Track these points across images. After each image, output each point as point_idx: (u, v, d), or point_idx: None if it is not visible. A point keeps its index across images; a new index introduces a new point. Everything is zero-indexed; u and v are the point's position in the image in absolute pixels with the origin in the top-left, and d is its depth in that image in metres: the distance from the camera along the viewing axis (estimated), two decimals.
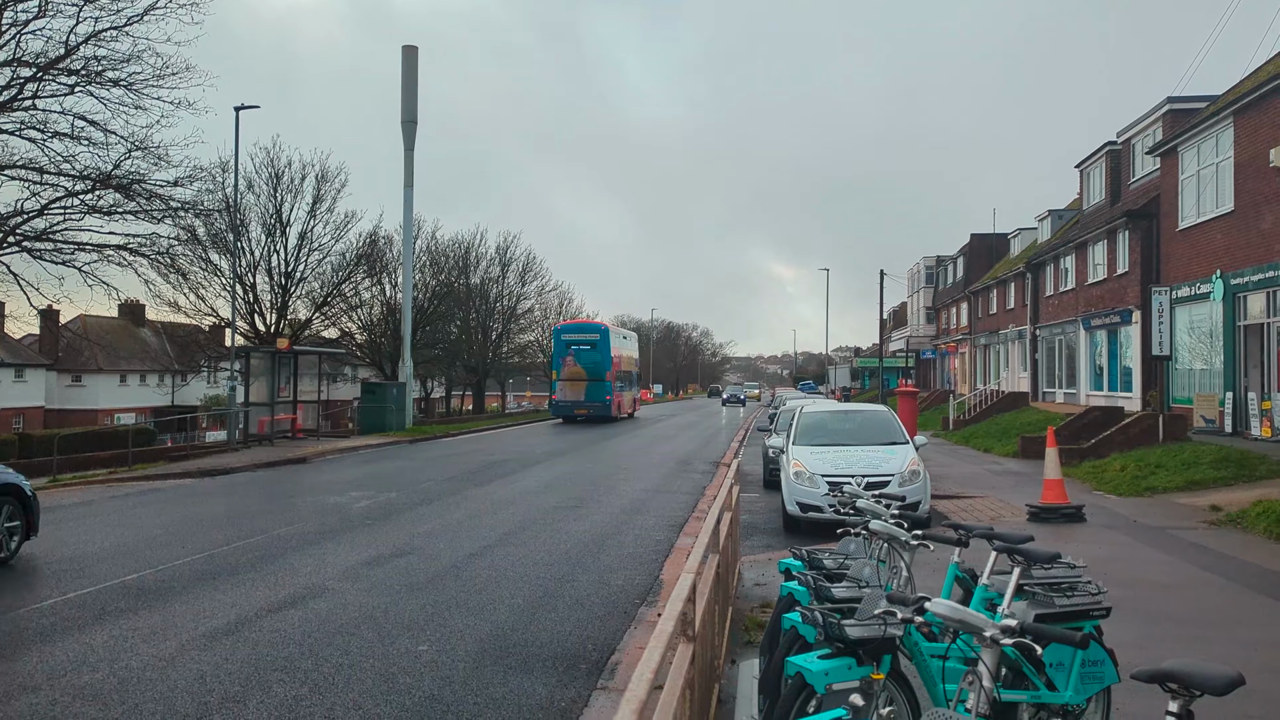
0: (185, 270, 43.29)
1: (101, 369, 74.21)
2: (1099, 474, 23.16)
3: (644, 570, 13.18)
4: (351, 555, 13.78)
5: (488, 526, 16.49)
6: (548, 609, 10.72)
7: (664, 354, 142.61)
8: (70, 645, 9.16)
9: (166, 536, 15.52)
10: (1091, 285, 39.70)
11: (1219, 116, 27.47)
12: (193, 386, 79.15)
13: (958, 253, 73.64)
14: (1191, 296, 29.27)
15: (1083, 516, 17.12)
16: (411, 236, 48.88)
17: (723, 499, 9.35)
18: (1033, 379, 48.52)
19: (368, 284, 58.64)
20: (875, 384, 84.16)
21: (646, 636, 9.61)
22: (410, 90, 45.14)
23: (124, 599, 11.00)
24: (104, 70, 31.44)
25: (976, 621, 4.16)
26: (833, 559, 7.15)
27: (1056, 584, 6.02)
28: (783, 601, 7.10)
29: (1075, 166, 45.76)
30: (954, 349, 71.16)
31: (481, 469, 26.59)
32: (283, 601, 10.85)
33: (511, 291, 79.52)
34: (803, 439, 17.99)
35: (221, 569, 12.75)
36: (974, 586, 6.91)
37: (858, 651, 5.00)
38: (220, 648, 9.05)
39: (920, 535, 7.06)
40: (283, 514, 17.89)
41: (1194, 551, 14.15)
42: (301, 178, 50.66)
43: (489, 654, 8.97)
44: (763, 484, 23.48)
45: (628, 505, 19.81)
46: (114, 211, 33.46)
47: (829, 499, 15.52)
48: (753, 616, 10.21)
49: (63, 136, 31.69)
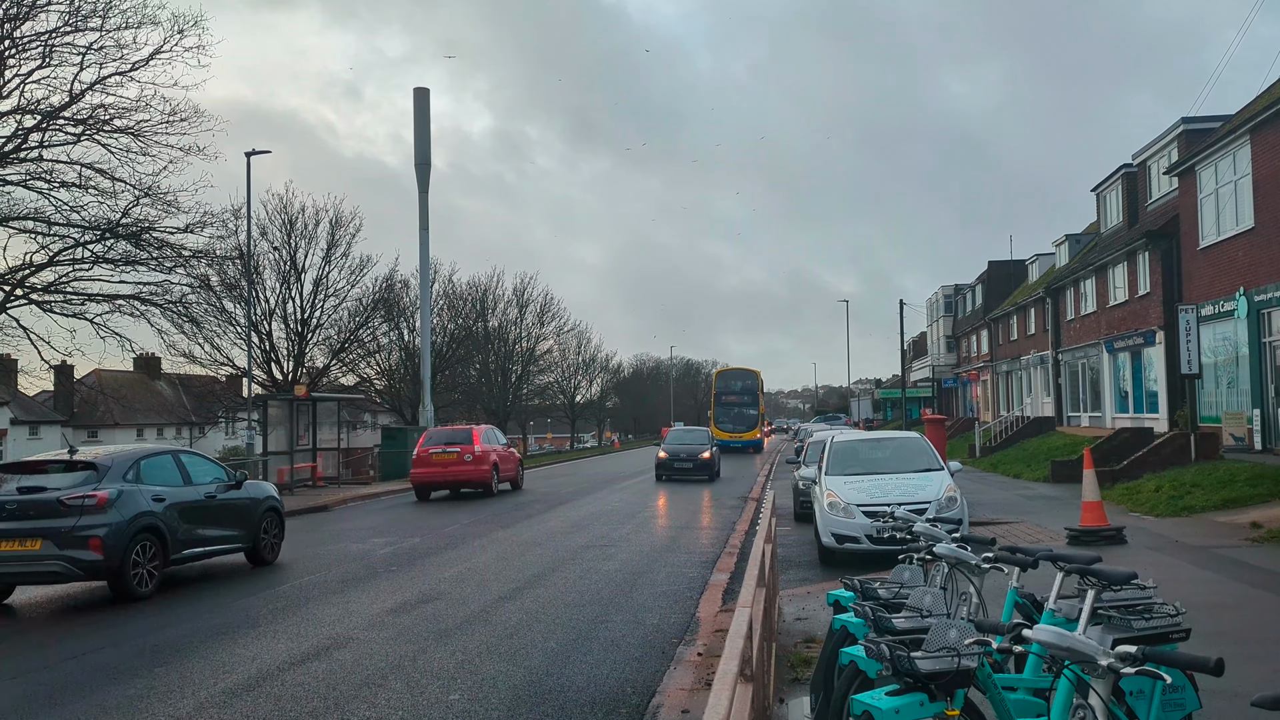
0: (199, 319, 43.05)
1: (118, 423, 73.92)
2: (1133, 495, 22.82)
3: (679, 608, 12.80)
4: (376, 603, 13.42)
5: (516, 569, 16.13)
6: (582, 652, 10.35)
7: (684, 392, 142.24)
8: (82, 707, 8.79)
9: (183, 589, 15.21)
10: (1113, 308, 39.40)
11: (1235, 135, 27.24)
12: (211, 439, 78.87)
13: (976, 280, 73.43)
14: (1215, 315, 28.91)
15: (1124, 538, 16.77)
16: (429, 280, 48.73)
17: (763, 532, 9.01)
18: (1057, 403, 48.13)
19: (385, 329, 58.45)
20: (898, 415, 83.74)
21: (687, 677, 9.26)
22: (423, 132, 45.06)
23: (139, 656, 10.64)
24: (111, 118, 31.46)
25: (1088, 649, 3.79)
26: (887, 589, 6.75)
27: (1131, 606, 5.67)
28: (835, 635, 6.74)
29: (1091, 190, 45.61)
30: (975, 377, 70.80)
31: (507, 510, 26.25)
32: (306, 653, 10.49)
33: (530, 332, 79.42)
34: (835, 469, 17.62)
35: (241, 621, 12.40)
36: (1034, 612, 6.58)
37: (929, 686, 4.62)
38: (240, 704, 8.68)
39: (991, 558, 6.66)
40: (304, 563, 17.56)
41: (1241, 569, 13.86)
42: (315, 223, 50.63)
43: (523, 701, 8.61)
44: (794, 517, 23.09)
45: (657, 543, 19.47)
46: (124, 261, 33.37)
47: (866, 529, 15.24)
48: (797, 652, 9.83)
49: (70, 186, 31.67)
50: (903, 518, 8.57)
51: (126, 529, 14.17)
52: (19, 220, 31.71)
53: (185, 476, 16.19)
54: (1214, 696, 6.67)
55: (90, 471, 14.56)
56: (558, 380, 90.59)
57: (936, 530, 7.70)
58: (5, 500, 14.03)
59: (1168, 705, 5.36)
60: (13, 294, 31.55)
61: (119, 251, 33.32)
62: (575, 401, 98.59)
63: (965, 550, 6.85)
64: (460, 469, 31.01)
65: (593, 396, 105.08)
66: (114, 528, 14.01)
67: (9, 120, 30.73)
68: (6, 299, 31.40)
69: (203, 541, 16.02)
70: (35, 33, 30.18)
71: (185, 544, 15.53)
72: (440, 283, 65.56)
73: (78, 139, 31.60)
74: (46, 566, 13.71)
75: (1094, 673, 3.87)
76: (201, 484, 16.41)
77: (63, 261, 32.77)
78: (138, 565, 14.32)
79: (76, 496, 14.01)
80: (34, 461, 15.43)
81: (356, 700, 8.65)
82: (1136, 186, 39.57)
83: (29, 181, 31.27)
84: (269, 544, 17.64)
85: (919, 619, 5.75)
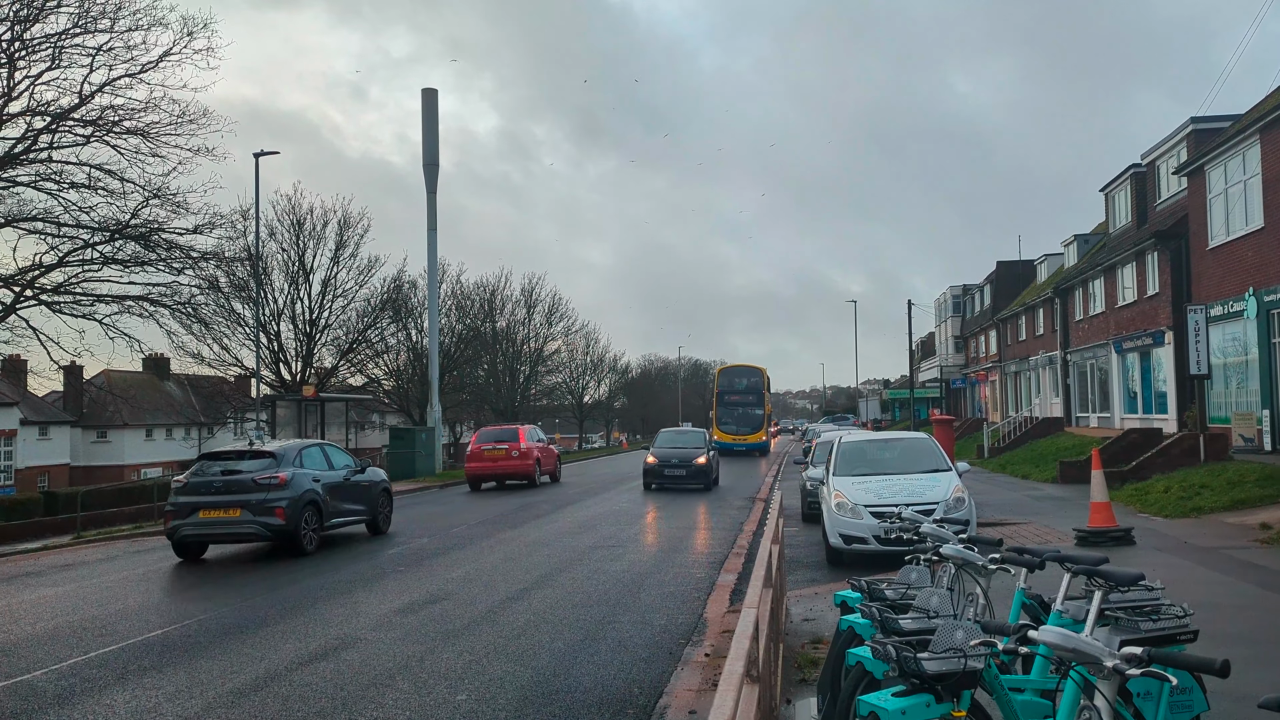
0: (208, 320, 43.09)
1: (127, 424, 73.97)
2: (1142, 496, 22.77)
3: (686, 609, 12.78)
4: (384, 603, 13.42)
5: (523, 569, 16.11)
6: (590, 653, 10.34)
7: (692, 392, 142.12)
8: (90, 707, 8.79)
9: (192, 590, 15.22)
10: (1122, 308, 39.34)
11: (1245, 134, 27.19)
12: (219, 439, 78.78)
13: (984, 280, 73.32)
14: (1224, 315, 28.85)
15: (1132, 539, 16.73)
16: (436, 280, 48.77)
17: (770, 533, 8.99)
18: (1065, 404, 48.06)
19: (393, 330, 58.52)
20: (906, 415, 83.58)
21: (694, 678, 9.25)
22: (431, 133, 45.08)
23: (147, 656, 10.63)
24: (121, 119, 31.51)
25: (1094, 651, 3.76)
26: (894, 589, 6.74)
27: (1139, 607, 5.66)
28: (843, 636, 6.73)
29: (1100, 190, 45.57)
30: (984, 377, 70.67)
31: (514, 511, 26.23)
32: (313, 654, 10.48)
33: (538, 333, 79.45)
34: (843, 469, 17.58)
35: (249, 621, 12.39)
36: (1041, 613, 6.56)
37: (936, 687, 4.61)
38: (248, 704, 8.69)
39: (998, 559, 6.63)
40: (311, 563, 17.56)
41: (1251, 570, 13.81)
42: (324, 224, 50.71)
43: (531, 702, 8.60)
44: (801, 517, 23.06)
45: (665, 543, 19.45)
46: (133, 262, 33.42)
47: (874, 529, 15.21)
48: (804, 653, 9.81)
49: (79, 187, 31.74)
50: (910, 518, 8.54)
51: (299, 501, 18.37)
52: (29, 221, 31.81)
53: (329, 463, 20.38)
54: (1221, 698, 6.65)
55: (270, 459, 18.68)
56: (565, 381, 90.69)
57: (944, 531, 7.67)
58: (213, 480, 18.30)
59: (1175, 707, 5.34)
60: (22, 295, 31.63)
61: (128, 252, 33.43)
62: (583, 402, 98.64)
63: (972, 551, 6.82)
64: (508, 463, 35.02)
65: (601, 397, 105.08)
66: (291, 500, 18.16)
67: (19, 122, 30.85)
68: (16, 300, 31.48)
69: (343, 514, 20.23)
70: (45, 34, 30.28)
71: (333, 515, 19.74)
72: (448, 283, 65.66)
73: (87, 140, 31.69)
74: (245, 529, 17.94)
75: (1101, 674, 3.85)
76: (340, 469, 20.57)
77: (72, 262, 32.85)
78: (306, 529, 18.49)
79: (266, 477, 18.13)
80: (227, 451, 19.82)
81: (364, 700, 8.65)
82: (1145, 186, 39.54)
83: (39, 183, 31.39)
84: (384, 517, 21.98)
85: (926, 620, 5.74)
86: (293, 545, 18.25)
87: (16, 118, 30.60)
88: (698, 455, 32.97)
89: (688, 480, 32.55)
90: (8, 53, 29.73)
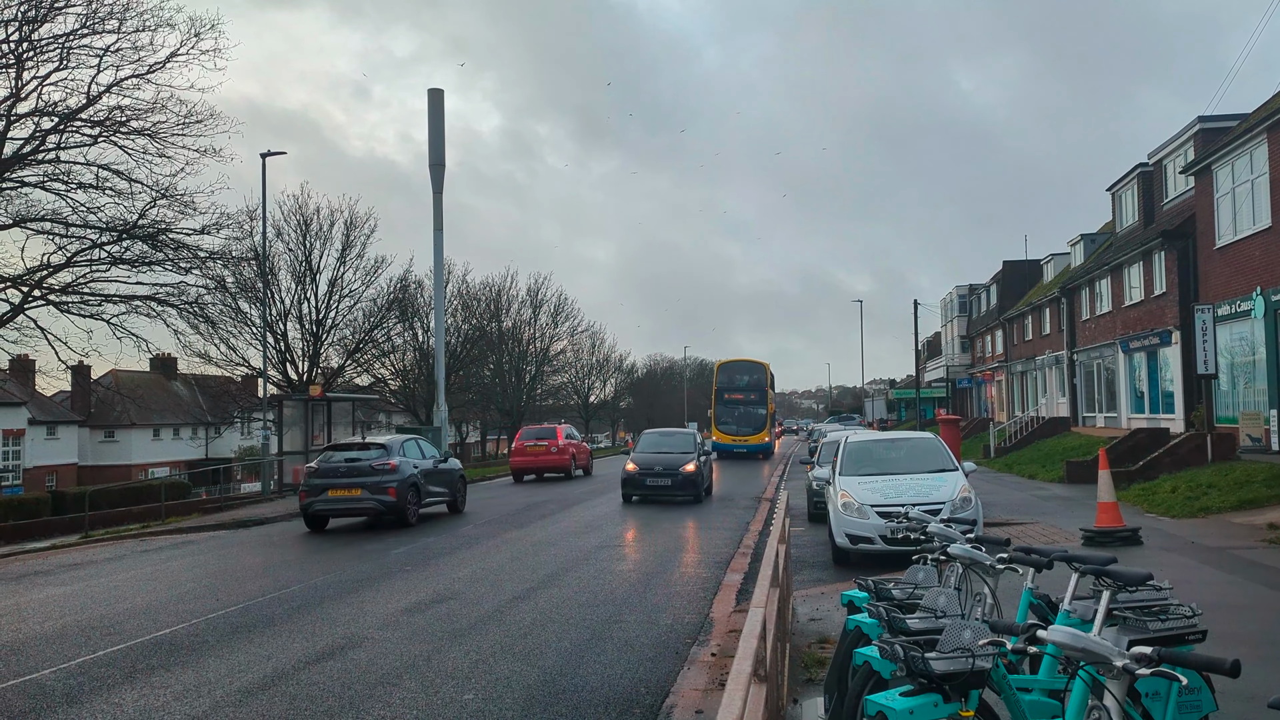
0: (215, 320, 43.05)
1: (134, 424, 73.97)
2: (1149, 496, 22.73)
3: (693, 609, 12.78)
4: (391, 603, 13.43)
5: (530, 569, 16.13)
6: (596, 652, 10.34)
7: (698, 392, 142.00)
8: (99, 706, 8.81)
9: (199, 589, 15.22)
10: (1129, 308, 39.26)
11: (1252, 134, 27.10)
12: (227, 439, 78.91)
13: (990, 280, 73.21)
14: (1232, 315, 28.77)
15: (1139, 539, 16.70)
16: (442, 280, 48.70)
17: (777, 532, 8.99)
18: (1072, 404, 47.97)
19: (399, 329, 58.46)
20: (912, 415, 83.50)
21: (701, 677, 9.25)
22: (437, 134, 45.02)
23: (155, 655, 10.65)
24: (128, 120, 31.55)
25: (1103, 650, 3.76)
26: (901, 589, 6.74)
27: (1147, 607, 5.64)
28: (849, 636, 6.72)
29: (1107, 190, 45.41)
30: (990, 377, 70.60)
31: (520, 511, 26.26)
32: (321, 653, 10.50)
33: (544, 333, 79.35)
34: (849, 469, 17.56)
35: (257, 621, 12.41)
36: (1049, 613, 6.54)
37: (943, 687, 4.60)
38: (256, 703, 8.70)
39: (1006, 558, 6.62)
40: (319, 562, 17.60)
41: (1258, 571, 13.78)
42: (330, 224, 50.66)
43: (538, 701, 8.60)
44: (807, 517, 23.05)
45: (671, 543, 19.45)
46: (141, 262, 33.46)
47: (880, 529, 15.19)
48: (810, 652, 9.80)
49: (87, 187, 31.78)
50: (917, 518, 8.51)
51: (406, 483, 22.73)
52: (37, 221, 31.83)
53: (422, 453, 24.70)
54: (1230, 698, 6.63)
55: (382, 450, 22.97)
56: (571, 380, 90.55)
57: (951, 531, 7.65)
58: (339, 465, 22.63)
59: (1184, 707, 5.33)
60: (30, 295, 31.65)
61: (135, 252, 33.43)
62: (589, 402, 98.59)
63: (980, 551, 6.80)
64: (547, 458, 39.93)
65: (606, 397, 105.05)
66: (400, 482, 22.55)
67: (27, 122, 30.87)
68: (25, 300, 31.51)
69: (433, 495, 24.73)
70: (53, 35, 30.31)
71: (427, 495, 24.20)
72: (454, 283, 65.52)
73: (95, 141, 31.73)
74: (365, 506, 22.39)
75: (1109, 674, 3.84)
76: (430, 458, 24.99)
77: (80, 262, 32.86)
78: (410, 505, 22.87)
79: (380, 463, 22.54)
80: (347, 443, 24.34)
81: (371, 699, 8.65)
82: (1152, 186, 39.42)
83: (47, 183, 31.42)
84: (461, 499, 26.66)
85: (933, 620, 5.74)
86: (400, 517, 22.64)
87: (25, 118, 30.65)
88: (685, 462, 28.66)
89: (673, 490, 28.39)
90: (16, 54, 29.76)
